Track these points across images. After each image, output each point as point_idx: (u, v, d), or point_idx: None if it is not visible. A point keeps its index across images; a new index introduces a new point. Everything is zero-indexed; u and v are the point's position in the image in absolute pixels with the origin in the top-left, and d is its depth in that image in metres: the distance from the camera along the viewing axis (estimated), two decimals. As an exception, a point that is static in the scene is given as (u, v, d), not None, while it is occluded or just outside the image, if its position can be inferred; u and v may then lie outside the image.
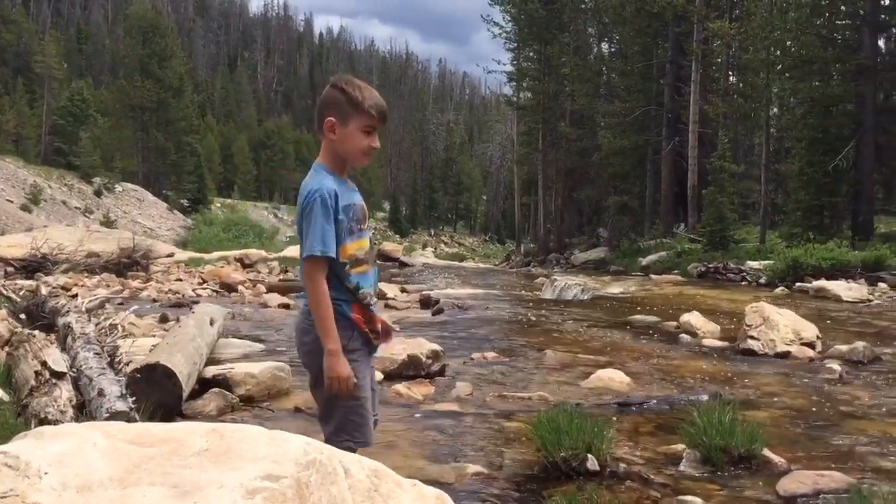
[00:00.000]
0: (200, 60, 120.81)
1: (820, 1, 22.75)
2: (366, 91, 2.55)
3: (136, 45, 54.72)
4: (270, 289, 13.21)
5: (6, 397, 3.95)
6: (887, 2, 22.97)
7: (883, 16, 22.65)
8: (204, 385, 4.94)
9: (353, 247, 2.54)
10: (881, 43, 23.38)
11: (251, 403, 4.86)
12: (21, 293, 7.73)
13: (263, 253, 23.52)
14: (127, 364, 4.76)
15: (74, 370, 4.21)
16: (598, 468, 3.60)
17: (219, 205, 61.16)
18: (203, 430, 2.11)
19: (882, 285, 15.04)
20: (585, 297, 14.44)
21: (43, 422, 3.38)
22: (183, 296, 12.05)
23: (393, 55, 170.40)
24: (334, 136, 2.54)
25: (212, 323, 6.11)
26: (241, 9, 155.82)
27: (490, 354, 7.02)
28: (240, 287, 13.28)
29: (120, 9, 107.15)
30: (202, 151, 62.28)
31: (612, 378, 5.87)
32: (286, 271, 17.79)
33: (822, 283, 14.60)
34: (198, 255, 23.43)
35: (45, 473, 1.72)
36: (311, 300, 2.50)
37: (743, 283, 17.96)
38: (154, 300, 11.56)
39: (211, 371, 5.10)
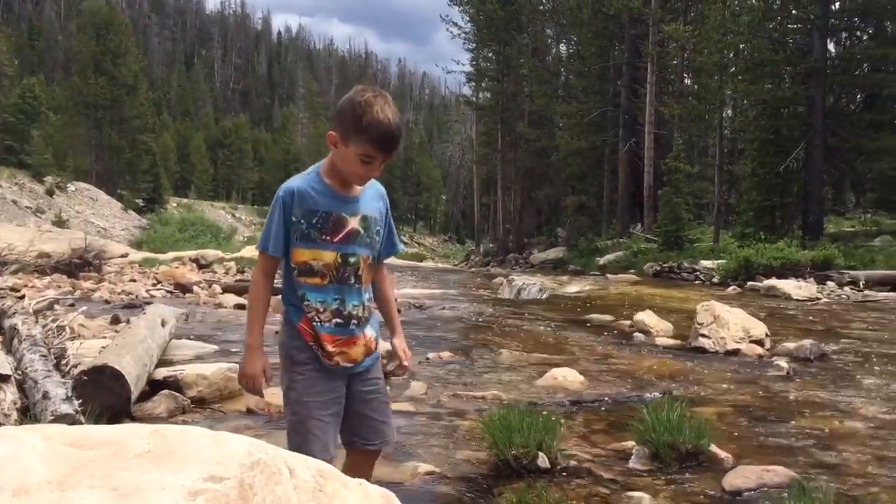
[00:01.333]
0: (156, 58, 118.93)
1: (772, 5, 23.21)
2: (375, 114, 2.23)
3: (89, 42, 53.68)
4: (226, 289, 13.08)
5: (-53, 401, 3.85)
6: (837, 6, 23.51)
7: (833, 20, 23.18)
8: (154, 387, 4.87)
9: (305, 254, 2.37)
10: (831, 47, 23.95)
11: (203, 405, 4.81)
12: (-34, 294, 7.54)
13: (220, 253, 23.26)
14: (75, 366, 4.68)
15: (19, 372, 4.12)
16: (548, 466, 3.63)
17: (175, 204, 60.27)
18: (145, 432, 2.08)
19: (830, 284, 15.41)
20: (543, 297, 14.54)
21: (-15, 426, 3.31)
22: (136, 297, 11.87)
23: (352, 54, 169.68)
24: (335, 149, 2.34)
25: (163, 324, 6.03)
26: (198, 6, 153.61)
27: (446, 354, 7.04)
28: (195, 288, 13.11)
29: (73, 4, 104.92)
30: (158, 150, 61.27)
31: (566, 377, 5.93)
32: (243, 271, 17.60)
33: (773, 281, 14.93)
34: (152, 255, 23.08)
35: (-21, 477, 1.68)
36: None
37: (696, 282, 18.28)
38: (106, 301, 11.36)
39: (162, 373, 5.04)
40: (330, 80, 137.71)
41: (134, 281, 14.42)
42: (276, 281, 2.52)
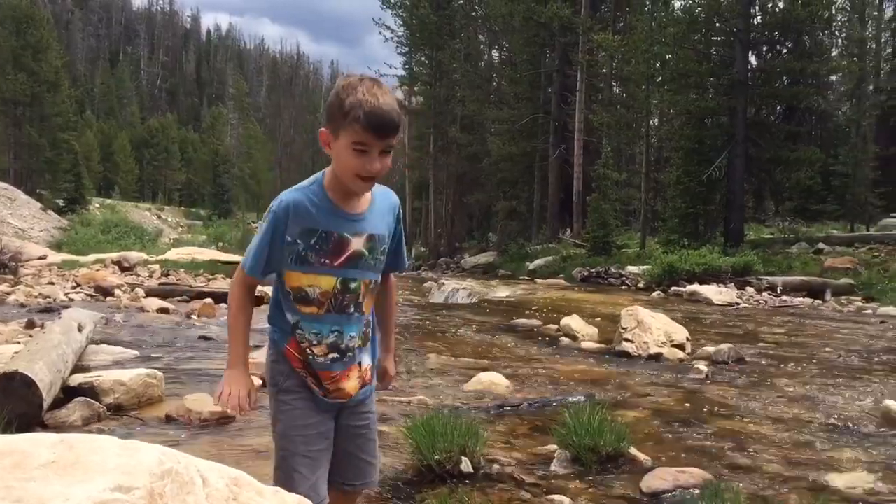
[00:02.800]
0: (79, 54, 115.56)
1: (697, 17, 23.80)
2: (360, 94, 1.94)
3: (8, 37, 51.71)
4: (150, 293, 12.77)
5: None
6: (758, 21, 24.26)
7: (754, 34, 23.93)
8: (70, 394, 4.72)
9: (300, 278, 2.09)
10: (753, 59, 24.65)
11: (120, 412, 4.68)
12: None
13: (144, 255, 22.67)
14: (-16, 373, 4.49)
15: (-78, 380, 3.94)
16: (472, 470, 3.64)
17: (98, 205, 58.45)
18: (50, 442, 2.02)
19: (749, 289, 15.91)
20: (472, 301, 14.61)
21: None
22: (54, 300, 11.50)
23: (283, 55, 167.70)
24: (329, 150, 2.03)
25: (80, 329, 5.85)
26: (124, 2, 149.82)
27: (373, 359, 6.99)
28: (117, 291, 12.76)
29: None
30: (80, 149, 59.36)
31: (493, 381, 5.96)
32: (167, 275, 17.19)
33: (695, 287, 15.33)
34: (73, 257, 22.33)
35: None
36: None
37: (623, 287, 18.63)
38: (22, 305, 10.97)
39: (77, 379, 4.88)
40: (260, 81, 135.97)
41: (52, 284, 13.95)
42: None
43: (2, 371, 4.15)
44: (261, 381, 5.69)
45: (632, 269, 19.63)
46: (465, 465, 3.63)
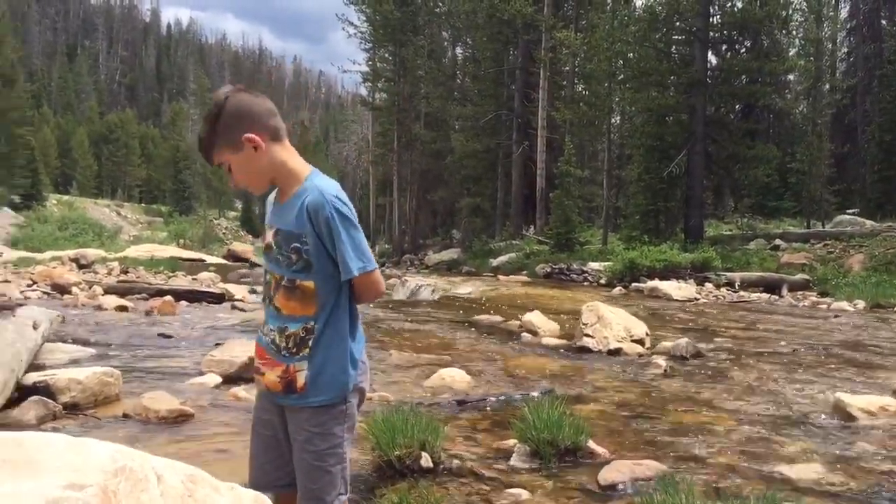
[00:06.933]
0: (36, 48, 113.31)
1: (658, 16, 24.03)
2: None
3: (-39, 28, 50.63)
4: (108, 290, 12.56)
5: None
6: (717, 20, 24.57)
7: (713, 33, 24.25)
8: (25, 392, 4.64)
9: None
10: (712, 58, 24.98)
11: (76, 411, 4.61)
12: None
13: (102, 253, 22.35)
14: (-66, 372, 4.40)
15: None
16: (431, 465, 3.67)
17: (55, 201, 57.42)
18: (0, 441, 1.99)
19: (708, 285, 16.16)
20: (435, 298, 14.63)
21: None
22: (9, 298, 11.23)
23: (246, 51, 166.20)
24: None
25: (35, 327, 5.75)
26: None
27: (335, 355, 6.97)
28: (74, 288, 12.53)
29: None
30: (36, 144, 58.29)
31: (454, 377, 5.99)
32: (126, 272, 16.96)
33: (656, 283, 15.52)
34: (29, 254, 21.95)
35: None
36: None
37: (585, 283, 18.79)
38: (-25, 303, 10.73)
39: (32, 378, 4.80)
40: (222, 76, 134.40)
41: (7, 282, 13.65)
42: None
43: (-47, 370, 4.07)
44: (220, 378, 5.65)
45: (594, 265, 19.81)
46: (425, 461, 3.65)
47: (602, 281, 18.33)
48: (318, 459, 2.11)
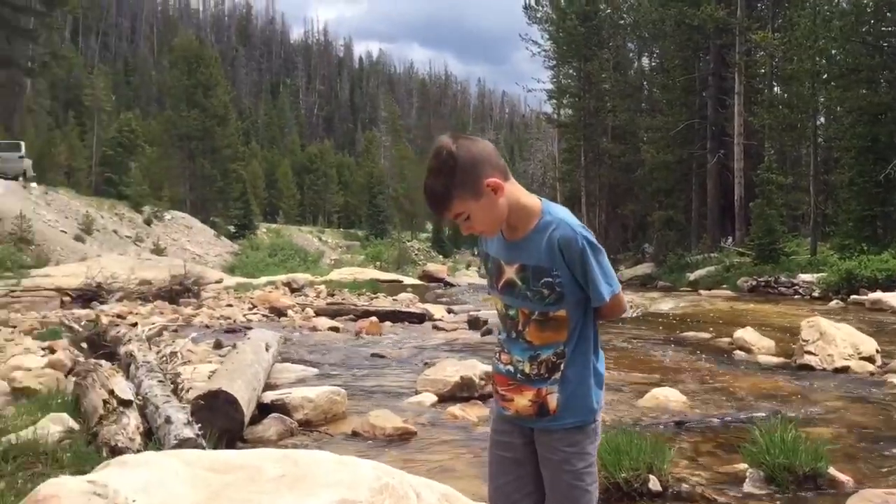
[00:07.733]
0: (244, 88, 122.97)
1: (865, 8, 22.39)
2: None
3: (181, 76, 55.89)
4: (319, 312, 13.31)
5: (76, 426, 4.05)
6: (935, 6, 22.50)
7: (931, 21, 22.25)
8: (263, 410, 5.00)
9: (493, 300, 2.27)
10: (929, 48, 22.88)
11: (309, 428, 4.91)
12: (82, 323, 7.92)
13: (309, 276, 23.75)
14: (188, 391, 4.85)
15: (140, 398, 4.31)
16: (660, 489, 3.58)
17: (264, 230, 61.91)
18: (276, 457, 2.16)
19: (942, 296, 14.65)
20: (635, 314, 14.30)
21: (113, 450, 3.47)
22: (234, 321, 12.20)
23: (432, 77, 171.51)
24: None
25: (267, 348, 6.20)
26: (283, 36, 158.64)
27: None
28: (289, 311, 13.40)
29: (165, 40, 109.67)
30: (247, 177, 63.22)
31: (668, 397, 5.81)
32: (333, 294, 17.92)
33: (879, 295, 14.30)
34: (246, 280, 23.70)
35: (133, 501, 1.78)
36: None
37: (795, 296, 17.67)
38: (207, 326, 11.69)
39: (269, 396, 5.17)
40: (411, 103, 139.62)
41: (231, 306, 14.83)
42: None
43: (207, 389, 4.46)
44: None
45: (804, 277, 18.58)
46: (654, 484, 3.57)
47: (815, 294, 17.15)
48: (576, 479, 2.12)
